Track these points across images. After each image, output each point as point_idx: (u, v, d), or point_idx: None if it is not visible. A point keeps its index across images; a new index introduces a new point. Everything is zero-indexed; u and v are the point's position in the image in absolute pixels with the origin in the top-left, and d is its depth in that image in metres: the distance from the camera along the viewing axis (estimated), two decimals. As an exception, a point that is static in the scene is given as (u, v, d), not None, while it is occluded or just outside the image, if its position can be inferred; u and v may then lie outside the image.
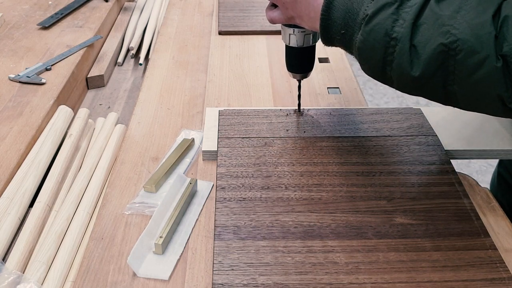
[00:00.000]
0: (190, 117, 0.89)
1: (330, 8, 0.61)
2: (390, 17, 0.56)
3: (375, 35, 0.57)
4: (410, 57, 0.55)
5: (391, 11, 0.56)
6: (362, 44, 0.59)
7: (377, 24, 0.57)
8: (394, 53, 0.56)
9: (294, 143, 0.77)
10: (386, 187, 0.69)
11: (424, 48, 0.54)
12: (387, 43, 0.56)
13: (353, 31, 0.60)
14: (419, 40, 0.55)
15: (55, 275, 0.62)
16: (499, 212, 0.69)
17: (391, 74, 0.58)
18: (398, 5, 0.56)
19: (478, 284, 0.57)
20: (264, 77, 1.01)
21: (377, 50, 0.58)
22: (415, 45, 0.55)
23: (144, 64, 1.16)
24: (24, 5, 1.30)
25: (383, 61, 0.58)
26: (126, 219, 0.68)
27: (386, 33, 0.56)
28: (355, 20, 0.59)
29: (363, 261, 0.59)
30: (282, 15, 0.71)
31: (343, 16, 0.60)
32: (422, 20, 0.55)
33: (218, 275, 0.57)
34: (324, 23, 0.62)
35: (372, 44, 0.58)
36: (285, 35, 0.76)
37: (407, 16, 0.55)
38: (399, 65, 0.57)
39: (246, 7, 1.30)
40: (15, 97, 0.94)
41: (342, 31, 0.61)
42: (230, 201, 0.67)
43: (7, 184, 0.75)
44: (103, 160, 0.80)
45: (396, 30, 0.56)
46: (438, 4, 0.54)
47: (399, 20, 0.55)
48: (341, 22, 0.60)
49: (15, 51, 1.09)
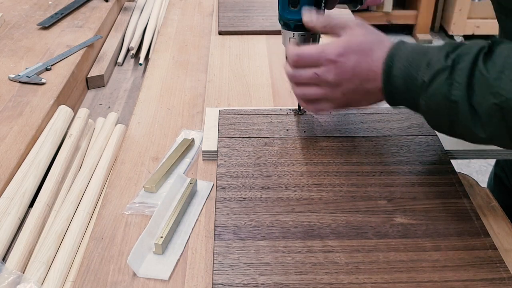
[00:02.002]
0: (190, 117, 0.89)
1: (390, 76, 0.63)
2: (445, 82, 0.59)
3: (436, 99, 0.60)
4: (472, 118, 0.58)
5: (445, 76, 0.59)
6: (427, 108, 0.62)
7: (436, 90, 0.59)
8: (457, 115, 0.59)
9: (294, 143, 0.77)
10: (386, 187, 0.69)
11: (482, 108, 0.57)
12: (448, 106, 0.59)
13: (416, 95, 0.62)
14: (476, 100, 0.57)
15: (55, 275, 0.62)
16: (499, 212, 0.69)
17: (461, 133, 0.61)
18: (450, 69, 0.59)
19: (478, 284, 0.57)
20: (264, 77, 1.01)
21: (441, 113, 0.60)
22: (473, 106, 0.58)
23: (144, 64, 1.16)
24: (24, 5, 1.30)
25: (450, 123, 0.61)
26: (126, 219, 0.68)
27: (445, 97, 0.59)
28: (415, 85, 0.62)
29: (363, 261, 0.59)
30: (331, 102, 0.69)
31: (403, 82, 0.63)
32: (475, 81, 0.57)
33: (218, 275, 0.57)
34: (388, 91, 0.64)
35: (436, 108, 0.60)
36: (285, 39, 0.76)
37: (460, 79, 0.58)
38: (464, 126, 0.59)
39: (246, 7, 1.30)
40: (15, 97, 0.94)
41: (406, 96, 0.63)
42: (230, 201, 0.67)
43: (7, 184, 0.75)
44: (103, 160, 0.80)
45: (453, 93, 0.58)
46: (485, 65, 0.57)
47: (454, 84, 0.58)
48: (404, 89, 0.63)
49: (15, 51, 1.09)
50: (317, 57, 0.67)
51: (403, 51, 0.63)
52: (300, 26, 0.73)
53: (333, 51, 0.66)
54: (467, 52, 0.59)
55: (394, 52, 0.64)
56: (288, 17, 0.73)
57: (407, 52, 0.63)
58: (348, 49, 0.66)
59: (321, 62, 0.67)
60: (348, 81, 0.66)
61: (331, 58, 0.66)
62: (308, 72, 0.68)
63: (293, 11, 0.73)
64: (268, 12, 1.27)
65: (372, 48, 0.65)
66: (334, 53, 0.66)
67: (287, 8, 0.73)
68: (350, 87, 0.66)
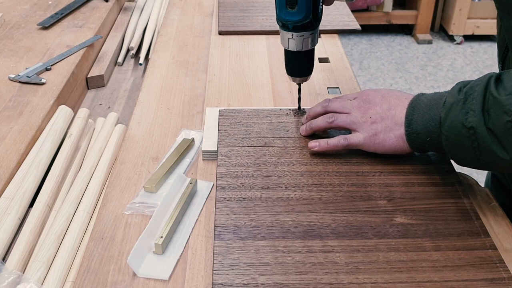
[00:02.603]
0: (190, 117, 0.89)
1: (412, 123, 0.68)
2: (460, 112, 0.63)
3: (454, 130, 0.63)
4: (492, 141, 0.61)
5: (460, 107, 0.63)
6: (447, 142, 0.65)
7: (452, 121, 0.63)
8: (477, 141, 0.62)
9: (294, 143, 0.77)
10: (386, 187, 0.69)
11: (498, 128, 0.60)
12: (467, 133, 0.62)
13: (437, 135, 0.66)
14: (492, 122, 0.61)
15: (55, 275, 0.62)
16: (499, 212, 0.69)
17: (488, 160, 0.63)
18: (464, 100, 0.63)
19: (478, 284, 0.57)
20: (264, 77, 1.01)
21: (463, 142, 0.63)
22: (490, 129, 0.61)
23: (144, 64, 1.16)
24: (24, 5, 1.30)
25: (473, 151, 0.63)
26: (126, 219, 0.68)
27: (463, 125, 0.63)
28: (436, 126, 0.66)
29: (363, 261, 0.59)
30: (362, 138, 0.72)
31: (424, 126, 0.67)
32: (488, 106, 0.61)
33: (218, 275, 0.57)
34: (410, 137, 0.69)
35: (456, 139, 0.64)
36: (284, 39, 0.75)
37: (475, 106, 0.62)
38: (487, 151, 0.62)
39: (246, 7, 1.30)
40: (15, 97, 0.94)
41: (428, 139, 0.67)
42: (230, 201, 0.67)
43: (7, 184, 0.75)
44: (103, 160, 0.80)
45: (470, 120, 0.62)
46: (496, 89, 0.61)
47: (469, 112, 0.62)
48: (425, 132, 0.67)
49: (15, 51, 1.09)
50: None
51: (422, 100, 0.69)
52: (298, 26, 0.73)
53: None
54: (478, 83, 0.63)
55: (415, 101, 0.69)
56: (286, 18, 0.73)
57: (426, 100, 0.68)
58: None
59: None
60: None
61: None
62: None
63: (290, 12, 0.72)
64: (268, 12, 1.27)
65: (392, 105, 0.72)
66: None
67: (284, 9, 0.72)
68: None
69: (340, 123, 0.74)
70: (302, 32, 0.73)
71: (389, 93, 0.74)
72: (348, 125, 0.73)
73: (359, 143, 0.72)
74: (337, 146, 0.73)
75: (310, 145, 0.74)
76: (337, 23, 1.21)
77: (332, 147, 0.73)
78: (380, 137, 0.71)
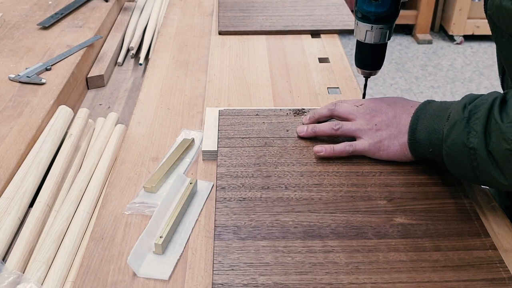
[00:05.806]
0: (190, 117, 0.89)
1: (415, 132, 0.69)
2: (463, 130, 0.63)
3: (455, 148, 0.64)
4: (491, 164, 0.62)
5: (463, 125, 0.63)
6: (448, 157, 0.65)
7: (454, 139, 0.64)
8: (477, 161, 0.63)
9: (294, 143, 0.77)
10: (386, 187, 0.69)
11: (497, 153, 0.61)
12: (467, 153, 0.63)
13: (439, 147, 0.66)
14: (493, 146, 0.61)
15: (55, 275, 0.62)
16: (499, 212, 0.69)
17: (486, 180, 0.64)
18: (467, 119, 0.63)
19: (478, 284, 0.57)
20: (264, 77, 1.01)
21: (462, 160, 0.64)
22: (490, 152, 0.61)
23: (144, 64, 1.16)
24: (24, 5, 1.30)
25: (472, 170, 0.64)
26: (126, 219, 0.68)
27: (464, 144, 0.63)
28: (439, 139, 0.66)
29: (363, 261, 0.59)
30: (368, 142, 0.73)
31: (427, 137, 0.68)
32: (491, 129, 0.62)
33: (218, 275, 0.57)
34: (413, 146, 0.70)
35: (457, 156, 0.64)
36: (361, 32, 0.76)
37: (477, 127, 0.62)
38: (486, 173, 0.63)
39: (246, 7, 1.30)
40: (15, 97, 0.94)
41: (430, 150, 0.68)
42: (230, 201, 0.67)
43: (7, 184, 0.75)
44: (103, 160, 0.80)
45: (471, 140, 0.62)
46: (500, 114, 0.61)
47: (472, 132, 0.63)
48: (427, 143, 0.68)
49: (15, 51, 1.09)
50: None
51: (428, 109, 0.69)
52: (380, 19, 0.73)
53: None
54: (483, 102, 0.63)
55: (420, 110, 0.70)
56: (368, 10, 0.74)
57: (431, 110, 0.69)
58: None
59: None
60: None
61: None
62: None
63: (374, 4, 0.73)
64: (268, 12, 1.27)
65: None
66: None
67: (368, 0, 0.73)
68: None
69: (346, 131, 0.74)
70: (382, 24, 0.73)
71: (395, 101, 0.74)
72: (353, 132, 0.74)
73: (364, 149, 0.73)
74: (343, 152, 0.73)
75: (316, 150, 0.74)
76: (337, 23, 1.21)
77: (338, 153, 0.74)
78: (385, 144, 0.72)
